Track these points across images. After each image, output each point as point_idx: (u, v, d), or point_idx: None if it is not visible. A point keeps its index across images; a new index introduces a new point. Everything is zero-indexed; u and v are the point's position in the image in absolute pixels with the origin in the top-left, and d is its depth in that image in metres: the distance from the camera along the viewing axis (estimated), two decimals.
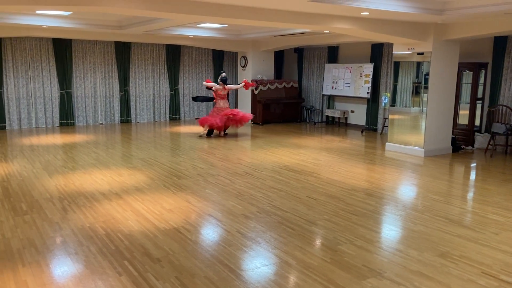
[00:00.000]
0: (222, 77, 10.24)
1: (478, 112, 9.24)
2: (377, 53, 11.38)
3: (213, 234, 4.41)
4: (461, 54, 8.80)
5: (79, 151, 8.48)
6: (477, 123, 9.27)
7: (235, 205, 5.24)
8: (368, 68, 11.47)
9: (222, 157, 8.13)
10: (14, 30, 9.97)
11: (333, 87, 12.43)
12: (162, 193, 5.72)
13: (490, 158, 8.22)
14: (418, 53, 8.26)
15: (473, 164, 7.88)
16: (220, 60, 14.03)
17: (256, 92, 12.69)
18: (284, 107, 13.22)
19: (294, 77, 14.09)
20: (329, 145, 9.51)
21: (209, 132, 10.33)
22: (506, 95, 8.83)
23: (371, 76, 11.38)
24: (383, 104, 11.17)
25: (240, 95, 13.77)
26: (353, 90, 11.88)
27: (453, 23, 7.76)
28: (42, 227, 4.45)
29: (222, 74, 10.37)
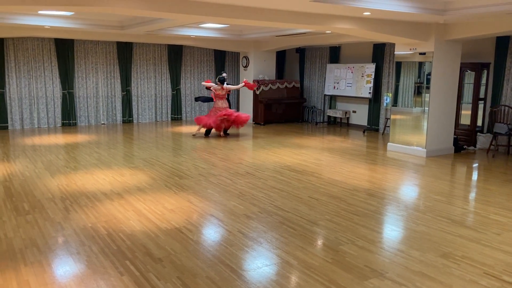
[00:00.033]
0: (220, 77, 10.25)
1: (480, 112, 9.21)
2: (379, 53, 11.37)
3: (215, 234, 4.41)
4: (463, 54, 8.80)
5: (81, 151, 8.49)
6: (479, 123, 9.24)
7: (237, 205, 5.24)
8: (370, 68, 11.45)
9: (224, 157, 8.14)
10: (16, 30, 9.99)
11: (335, 87, 12.42)
12: (164, 193, 5.72)
13: (492, 159, 8.20)
14: (420, 53, 8.25)
15: (475, 165, 7.87)
16: (222, 60, 14.04)
17: (258, 92, 12.69)
18: (286, 107, 13.21)
19: (296, 77, 14.08)
20: (331, 145, 9.50)
21: (207, 132, 10.36)
22: (508, 95, 8.81)
23: (373, 76, 11.37)
24: (385, 104, 11.17)
25: (242, 95, 13.77)
26: (355, 90, 11.87)
27: (455, 23, 7.75)
28: (44, 227, 4.45)
29: (222, 74, 10.39)
